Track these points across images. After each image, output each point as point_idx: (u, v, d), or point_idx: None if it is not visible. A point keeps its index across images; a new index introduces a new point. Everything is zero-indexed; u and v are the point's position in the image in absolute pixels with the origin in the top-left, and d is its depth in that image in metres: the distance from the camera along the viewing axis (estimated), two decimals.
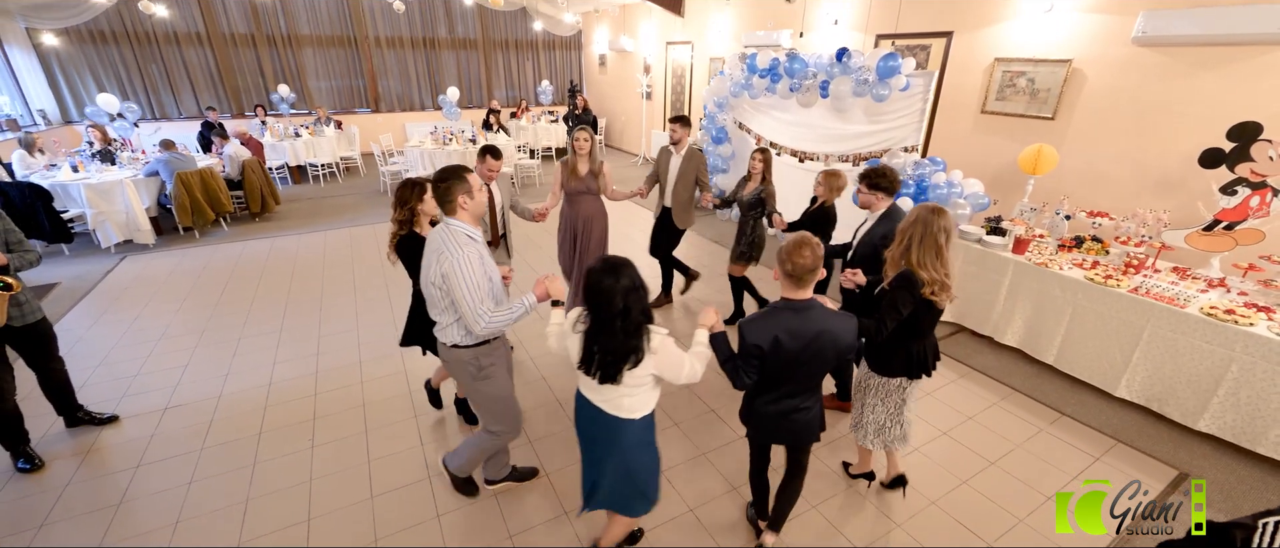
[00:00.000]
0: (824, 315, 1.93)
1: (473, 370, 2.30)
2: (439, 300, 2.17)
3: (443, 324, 2.24)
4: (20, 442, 2.85)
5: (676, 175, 4.21)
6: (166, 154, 6.17)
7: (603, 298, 1.74)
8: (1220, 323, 2.98)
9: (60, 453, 2.97)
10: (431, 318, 2.28)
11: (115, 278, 5.33)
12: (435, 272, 2.09)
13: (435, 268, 2.08)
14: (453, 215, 2.14)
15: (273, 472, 2.85)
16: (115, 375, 3.68)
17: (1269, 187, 3.29)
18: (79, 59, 9.01)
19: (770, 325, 1.90)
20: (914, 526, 2.59)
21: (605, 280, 1.74)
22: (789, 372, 1.96)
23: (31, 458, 2.86)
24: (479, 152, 3.36)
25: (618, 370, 1.79)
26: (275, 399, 3.44)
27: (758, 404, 2.10)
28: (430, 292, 2.17)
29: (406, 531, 2.51)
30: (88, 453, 2.97)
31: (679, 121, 4.12)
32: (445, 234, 2.11)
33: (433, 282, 2.12)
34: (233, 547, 2.41)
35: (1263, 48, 3.65)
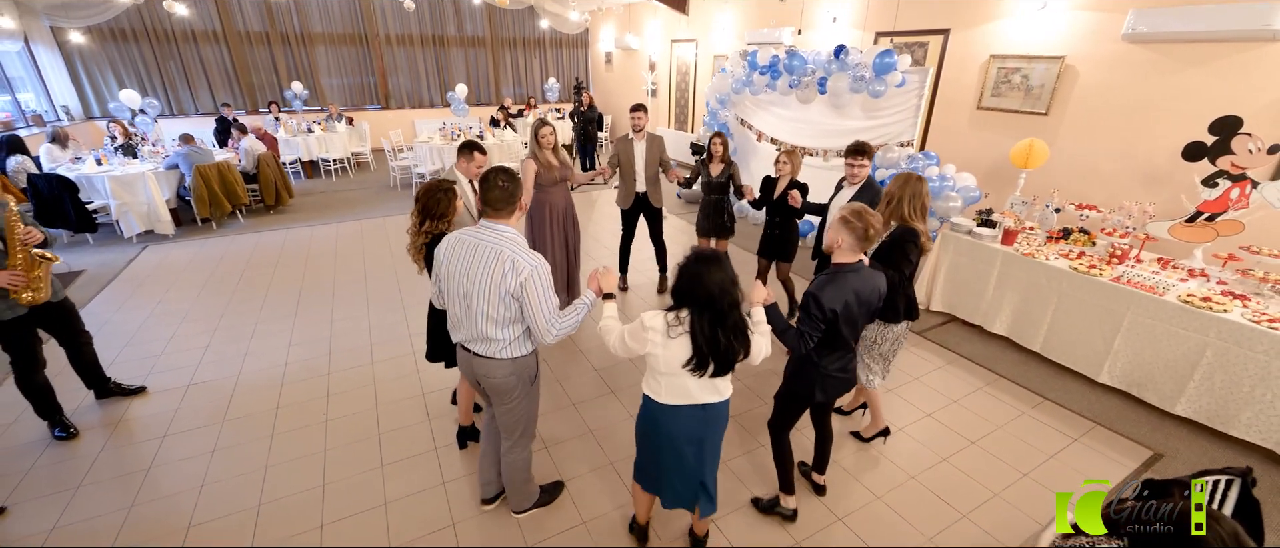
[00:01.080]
0: (872, 273, 2.18)
1: (529, 379, 2.16)
2: (504, 315, 1.96)
3: (504, 340, 2.02)
4: (55, 412, 3.07)
5: (644, 160, 4.40)
6: (186, 148, 6.41)
7: (714, 290, 1.70)
8: (1196, 310, 3.08)
9: (92, 424, 3.17)
10: (489, 335, 2.01)
11: (138, 266, 5.56)
12: (512, 282, 1.89)
13: (512, 278, 1.89)
14: (509, 220, 2.00)
15: (290, 443, 3.03)
16: (141, 355, 3.89)
17: (1248, 179, 3.38)
18: (101, 56, 9.29)
19: (842, 290, 2.08)
20: (893, 498, 2.72)
21: (713, 274, 1.69)
22: (850, 329, 2.16)
23: (67, 427, 3.07)
24: (461, 148, 3.24)
25: (734, 361, 1.78)
26: (291, 378, 3.63)
27: (825, 368, 2.24)
28: (495, 307, 1.95)
29: (415, 495, 2.68)
30: (118, 424, 3.18)
31: (640, 110, 4.36)
32: (503, 241, 1.94)
33: (507, 293, 1.91)
34: (254, 506, 2.60)
35: (1246, 44, 3.74)
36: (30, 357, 2.91)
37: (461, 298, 2.00)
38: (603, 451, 3.00)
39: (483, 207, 2.00)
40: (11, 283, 2.65)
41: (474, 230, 2.01)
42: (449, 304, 2.08)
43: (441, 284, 2.10)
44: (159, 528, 2.48)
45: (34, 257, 2.75)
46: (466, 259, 1.96)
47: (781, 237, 3.98)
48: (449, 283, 2.02)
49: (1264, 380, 2.87)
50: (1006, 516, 2.61)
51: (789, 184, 3.77)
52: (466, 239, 1.99)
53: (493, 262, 1.91)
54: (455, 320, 2.09)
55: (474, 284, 1.94)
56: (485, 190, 1.96)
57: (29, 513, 2.55)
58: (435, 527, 2.51)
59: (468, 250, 1.96)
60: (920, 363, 3.88)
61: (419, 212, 2.52)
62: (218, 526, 2.50)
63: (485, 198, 1.97)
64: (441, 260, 2.06)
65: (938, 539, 2.49)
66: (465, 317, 2.02)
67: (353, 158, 10.10)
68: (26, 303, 2.75)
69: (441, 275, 2.07)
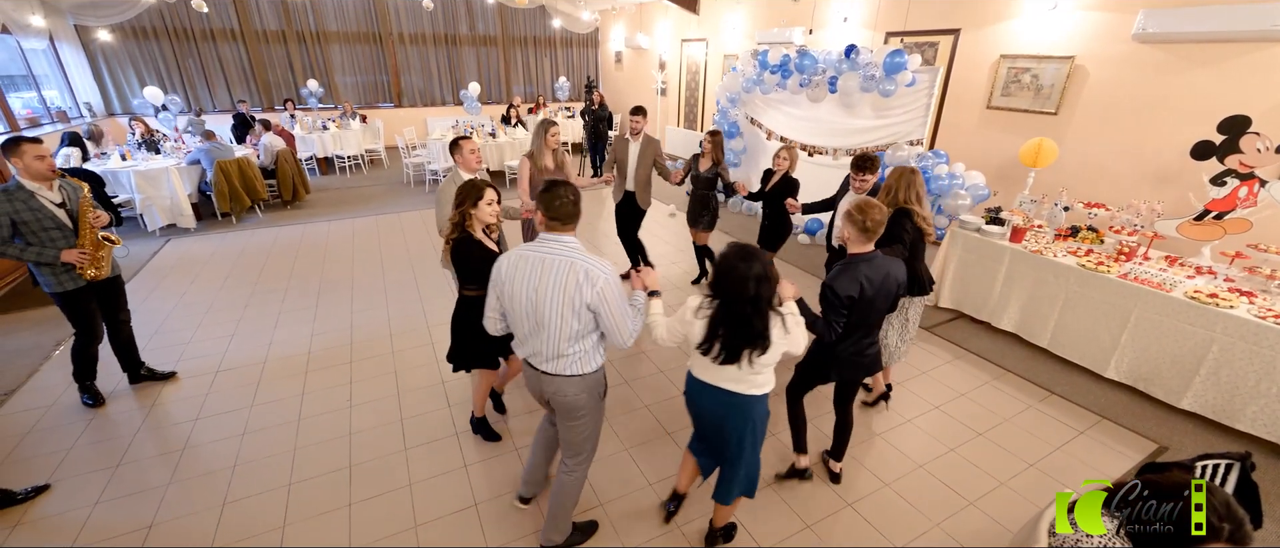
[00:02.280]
0: (885, 261, 2.32)
1: (599, 394, 2.11)
2: (577, 328, 1.91)
3: (576, 354, 1.97)
4: (89, 380, 3.31)
5: (636, 161, 4.47)
6: (208, 144, 6.56)
7: (737, 284, 1.77)
8: (1203, 306, 3.13)
9: (129, 407, 3.31)
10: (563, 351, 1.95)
11: (162, 258, 5.71)
12: (588, 293, 1.85)
13: (588, 290, 1.85)
14: (570, 231, 1.95)
15: (316, 427, 3.15)
16: (170, 342, 4.02)
17: (1256, 177, 3.42)
18: (122, 54, 9.50)
19: (854, 277, 2.25)
20: (902, 485, 2.79)
21: (739, 267, 1.77)
22: (865, 315, 2.33)
23: (96, 395, 3.30)
24: (452, 144, 3.23)
25: (739, 354, 1.84)
26: (315, 365, 3.75)
27: (840, 351, 2.43)
28: (568, 321, 1.90)
29: (438, 477, 2.78)
30: (152, 407, 3.30)
31: (638, 113, 4.43)
32: (572, 253, 1.90)
33: (583, 305, 1.87)
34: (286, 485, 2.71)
35: (1255, 44, 3.77)
36: (90, 328, 3.17)
37: (530, 315, 1.93)
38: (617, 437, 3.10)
39: (546, 220, 1.92)
40: (79, 260, 2.94)
41: (537, 245, 1.93)
42: (515, 323, 2.01)
43: (504, 301, 2.01)
44: (197, 503, 2.60)
45: (101, 238, 3.04)
46: (534, 275, 1.89)
47: (772, 227, 4.30)
48: (515, 300, 1.94)
49: (1269, 375, 2.92)
50: (1013, 504, 2.68)
51: (783, 179, 4.07)
52: (530, 254, 1.92)
53: (565, 274, 1.86)
54: (522, 338, 2.03)
55: (545, 299, 1.88)
56: (551, 203, 1.89)
57: (76, 487, 2.68)
58: (459, 506, 2.61)
59: (533, 266, 1.90)
60: (929, 357, 3.95)
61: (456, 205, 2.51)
62: (253, 502, 2.61)
63: (551, 211, 1.90)
64: (503, 278, 1.97)
65: (945, 526, 2.56)
66: (534, 333, 1.96)
67: (367, 155, 10.26)
68: (89, 278, 3.03)
69: (504, 293, 1.98)
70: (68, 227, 2.93)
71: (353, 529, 2.47)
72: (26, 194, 2.80)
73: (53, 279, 2.96)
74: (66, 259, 2.90)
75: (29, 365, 3.70)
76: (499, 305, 2.05)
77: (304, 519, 2.52)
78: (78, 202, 2.98)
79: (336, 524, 2.50)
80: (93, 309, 3.16)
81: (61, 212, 2.91)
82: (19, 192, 2.79)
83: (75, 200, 2.98)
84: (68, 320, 3.13)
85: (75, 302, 3.06)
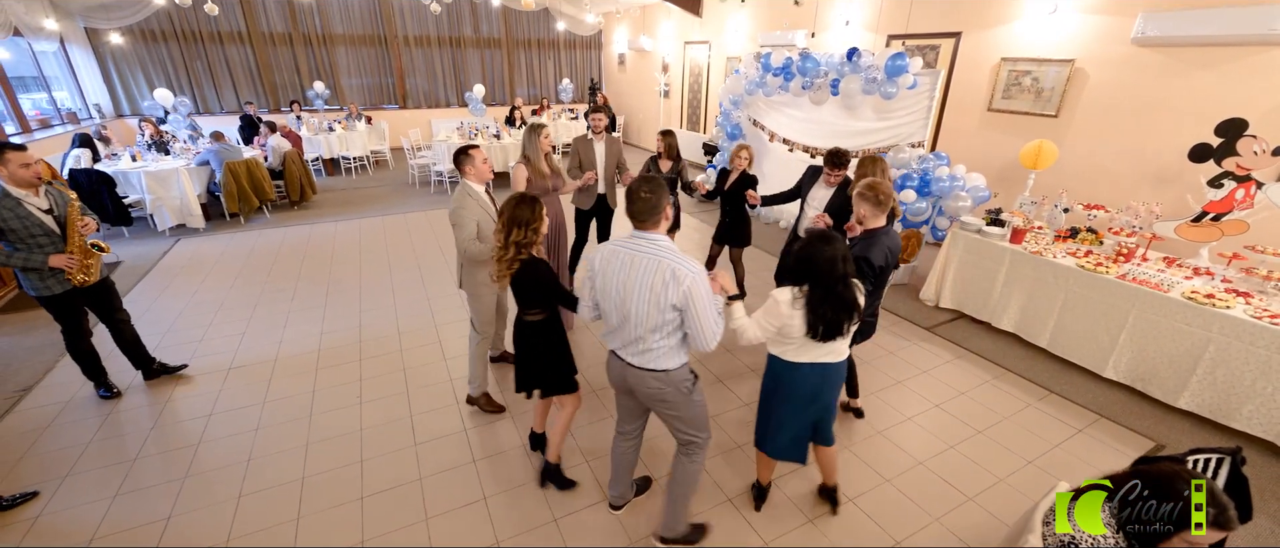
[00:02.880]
0: (894, 235, 2.68)
1: (687, 387, 2.12)
2: (660, 325, 1.95)
3: (661, 348, 2.01)
4: (100, 375, 3.40)
5: (604, 161, 4.32)
6: (217, 145, 6.65)
7: (828, 266, 1.97)
8: (1200, 306, 3.17)
9: (143, 403, 3.38)
10: (650, 345, 1.99)
11: (172, 258, 5.79)
12: (675, 292, 1.88)
13: (674, 289, 1.87)
14: (659, 230, 1.96)
15: (327, 422, 3.21)
16: (182, 341, 4.09)
17: (1253, 180, 3.47)
18: (131, 56, 9.61)
19: (881, 248, 2.57)
20: (902, 482, 2.84)
21: (826, 251, 1.96)
22: (881, 281, 2.66)
23: (111, 387, 3.40)
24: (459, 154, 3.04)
25: (841, 328, 2.03)
26: (325, 363, 3.82)
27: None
28: (653, 316, 1.93)
29: (448, 472, 2.85)
30: (165, 405, 3.37)
31: (598, 111, 4.30)
32: (661, 251, 1.92)
33: (669, 304, 1.90)
34: (298, 479, 2.78)
35: (1253, 48, 3.82)
36: (77, 327, 3.24)
37: (618, 307, 2.00)
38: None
39: (631, 219, 1.96)
40: (67, 265, 2.97)
41: (627, 242, 1.98)
42: (606, 314, 2.09)
43: (598, 295, 2.08)
44: (213, 496, 2.67)
45: (89, 246, 3.06)
46: (623, 271, 1.96)
47: (733, 223, 4.39)
48: (606, 293, 2.03)
49: (1265, 374, 2.96)
50: (1012, 500, 2.73)
51: (740, 177, 4.20)
52: (622, 251, 1.98)
53: (652, 273, 1.90)
54: (611, 329, 2.11)
55: (631, 295, 1.94)
56: (631, 203, 1.93)
57: (93, 482, 2.74)
58: (468, 500, 2.67)
59: (624, 262, 1.96)
60: (929, 357, 4.00)
61: (506, 225, 2.31)
62: (267, 495, 2.67)
63: (631, 210, 1.94)
64: (596, 271, 2.06)
65: (945, 520, 2.61)
66: (622, 325, 2.03)
67: (372, 156, 10.35)
68: (78, 284, 3.07)
69: (597, 285, 2.07)
70: (56, 233, 2.95)
71: (365, 522, 2.53)
72: (13, 201, 2.80)
73: (38, 283, 2.98)
74: (56, 264, 2.92)
75: (45, 363, 3.77)
76: (593, 295, 2.12)
77: (317, 512, 2.59)
78: (65, 208, 2.99)
79: (349, 517, 2.56)
80: (79, 310, 3.20)
81: (49, 218, 2.93)
82: (5, 199, 2.78)
83: (62, 207, 2.99)
84: (55, 320, 3.16)
85: (60, 305, 3.10)
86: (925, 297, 4.72)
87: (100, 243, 3.15)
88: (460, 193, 2.99)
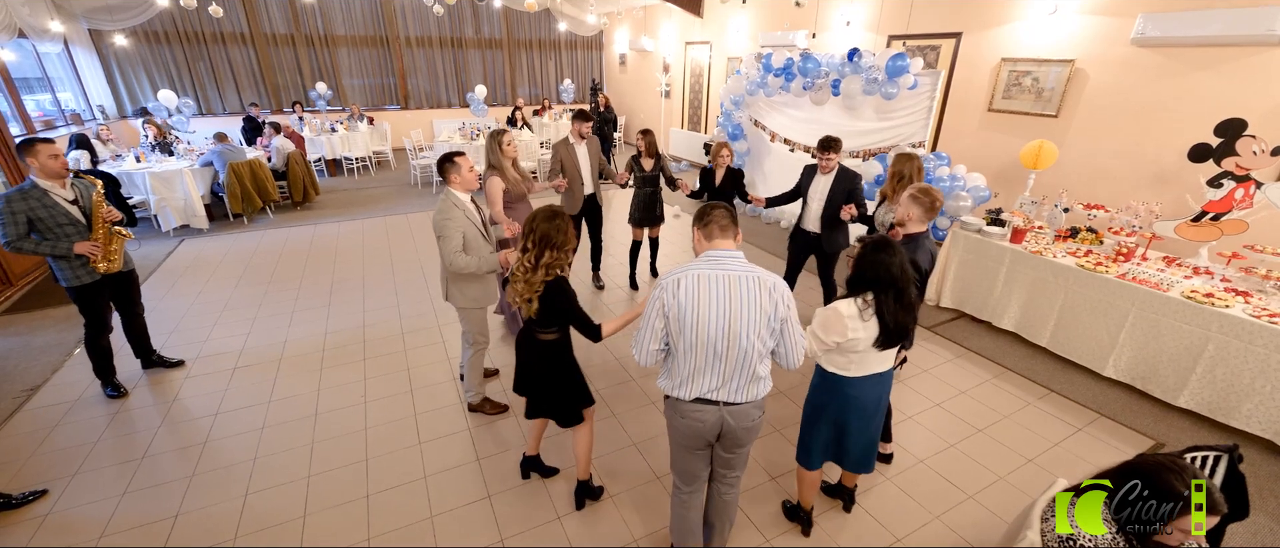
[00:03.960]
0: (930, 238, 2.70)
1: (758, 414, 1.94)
2: (767, 347, 1.80)
3: (764, 376, 1.85)
4: (110, 374, 3.45)
5: (588, 164, 4.41)
6: (220, 146, 6.68)
7: (898, 271, 1.90)
8: (1199, 305, 3.19)
9: (150, 402, 3.41)
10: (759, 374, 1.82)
11: (177, 258, 5.83)
12: (781, 308, 1.75)
13: (781, 304, 1.75)
14: (736, 242, 1.84)
15: (333, 421, 3.24)
16: (188, 340, 4.12)
17: (1252, 180, 3.48)
18: (135, 57, 9.64)
19: (928, 252, 2.61)
20: (903, 480, 2.87)
21: (891, 259, 1.90)
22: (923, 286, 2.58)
23: (118, 387, 3.45)
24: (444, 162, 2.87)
25: (907, 332, 1.96)
26: (329, 362, 3.85)
27: None
28: (764, 340, 1.77)
29: (452, 470, 2.87)
30: (173, 402, 3.41)
31: (580, 118, 4.35)
32: (747, 265, 1.78)
33: (778, 320, 1.77)
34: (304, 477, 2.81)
35: (1252, 49, 3.84)
36: (101, 320, 3.31)
37: (718, 341, 1.74)
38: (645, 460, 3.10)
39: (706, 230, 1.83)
40: (92, 252, 3.07)
41: (708, 264, 1.77)
42: (687, 354, 1.79)
43: (684, 333, 1.76)
44: (221, 494, 2.69)
45: (113, 232, 3.17)
46: (724, 297, 1.73)
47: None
48: (700, 329, 1.74)
49: (1264, 373, 2.98)
50: (1012, 498, 2.75)
51: (728, 173, 4.33)
52: (708, 273, 1.75)
53: (755, 290, 1.73)
54: (692, 372, 1.82)
55: (740, 320, 1.73)
56: (710, 217, 1.82)
57: (101, 480, 2.77)
58: (473, 498, 2.70)
59: (719, 286, 1.73)
60: (930, 356, 4.02)
61: (537, 243, 2.12)
62: (274, 493, 2.70)
63: (715, 223, 1.81)
64: (683, 307, 1.74)
65: (945, 518, 2.63)
66: (716, 362, 1.78)
67: (374, 156, 10.39)
68: (102, 271, 3.16)
69: (685, 323, 1.75)
70: (82, 222, 3.08)
71: (371, 519, 2.56)
72: (41, 192, 2.96)
73: (69, 273, 3.12)
74: (79, 251, 3.04)
75: (53, 362, 3.81)
76: (664, 336, 1.83)
77: (324, 509, 2.61)
78: (90, 198, 3.13)
79: (355, 514, 2.59)
80: (104, 303, 3.31)
81: (75, 208, 3.07)
82: (34, 190, 2.95)
83: (87, 197, 3.13)
84: (80, 312, 3.26)
85: (88, 295, 3.20)
86: (926, 296, 4.74)
87: (122, 229, 3.26)
88: (445, 202, 2.83)
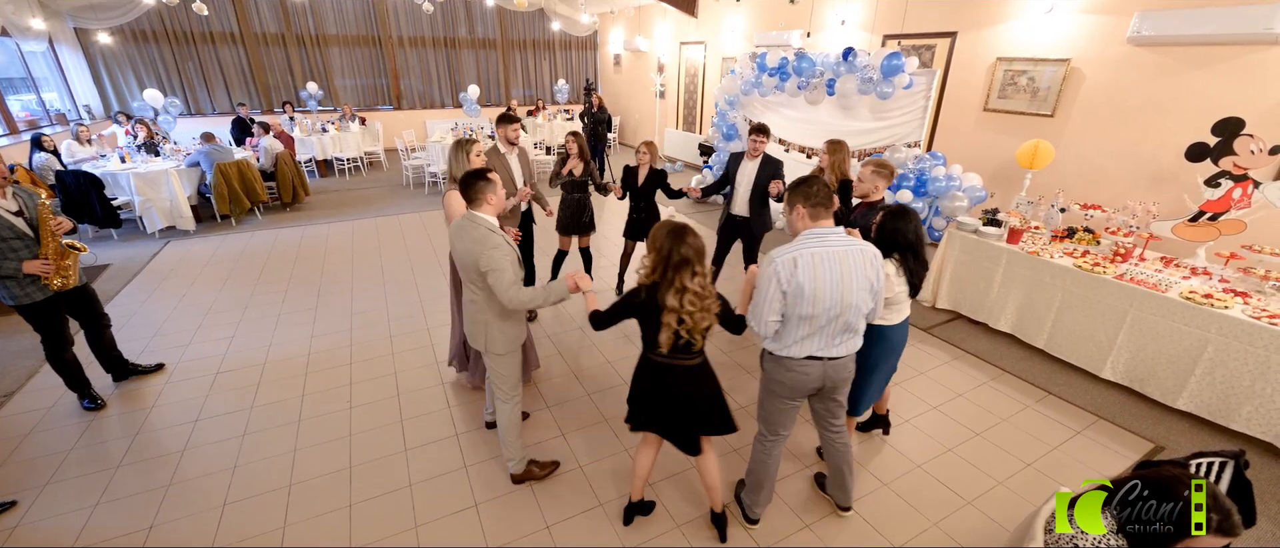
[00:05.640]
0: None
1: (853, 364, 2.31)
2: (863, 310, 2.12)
3: (857, 330, 2.17)
4: (84, 386, 3.29)
5: (520, 174, 4.06)
6: (207, 146, 6.57)
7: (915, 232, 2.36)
8: (1198, 306, 3.15)
9: (129, 409, 3.31)
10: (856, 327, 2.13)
11: (161, 260, 5.72)
12: (879, 277, 2.08)
13: (878, 275, 2.09)
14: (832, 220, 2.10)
15: (316, 428, 3.15)
16: (169, 345, 4.02)
17: (1250, 179, 3.45)
18: (122, 57, 9.52)
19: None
20: (900, 485, 2.81)
21: (908, 224, 2.36)
22: None
23: (95, 398, 3.30)
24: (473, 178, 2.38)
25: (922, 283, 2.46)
26: (315, 367, 3.76)
27: None
28: (865, 302, 2.07)
29: (438, 478, 2.79)
30: (152, 409, 3.31)
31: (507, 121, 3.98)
32: (847, 238, 2.06)
33: (877, 283, 2.09)
34: (286, 485, 2.72)
35: (1249, 47, 3.81)
36: (58, 336, 3.12)
37: (836, 307, 2.02)
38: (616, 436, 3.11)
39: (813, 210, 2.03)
40: (43, 271, 2.87)
41: (814, 241, 2.01)
42: (805, 321, 2.04)
43: (801, 305, 2.01)
44: (198, 504, 2.60)
45: (64, 247, 2.97)
46: (836, 269, 2.00)
47: (645, 219, 4.51)
48: (819, 299, 1.99)
49: (1264, 375, 2.94)
50: (1011, 503, 2.69)
51: (651, 172, 4.36)
52: (820, 251, 1.99)
53: (860, 261, 2.03)
54: (811, 333, 2.08)
55: (851, 287, 2.01)
56: (814, 193, 2.03)
57: (73, 490, 2.68)
58: (459, 507, 2.62)
59: (831, 260, 1.99)
60: (926, 358, 3.96)
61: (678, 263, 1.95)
62: (252, 503, 2.61)
63: (817, 200, 2.03)
64: (802, 282, 1.97)
65: (943, 525, 2.58)
66: (832, 325, 2.07)
67: (366, 157, 10.28)
68: (56, 289, 2.96)
69: (804, 296, 1.99)
70: (29, 236, 2.83)
71: (353, 530, 2.48)
72: None
73: (17, 290, 2.86)
74: (29, 270, 2.80)
75: (28, 368, 3.70)
76: (781, 309, 2.05)
77: (305, 520, 2.53)
78: (35, 209, 2.87)
79: (337, 525, 2.50)
80: (60, 319, 3.09)
81: (19, 220, 2.80)
82: None
83: (32, 208, 2.87)
84: (35, 330, 3.04)
85: (40, 313, 2.97)
86: (922, 297, 4.69)
87: (76, 243, 3.07)
88: (478, 229, 2.30)
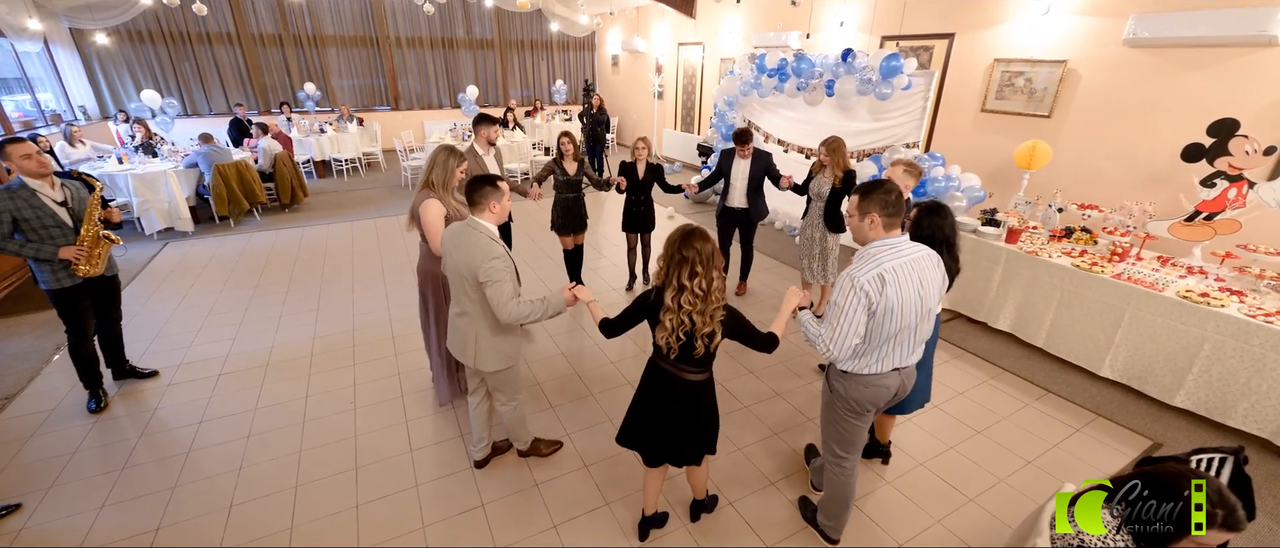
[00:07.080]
0: None
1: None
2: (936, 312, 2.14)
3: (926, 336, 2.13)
4: (96, 383, 3.32)
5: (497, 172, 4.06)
6: (205, 147, 6.55)
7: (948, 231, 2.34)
8: (1194, 305, 3.19)
9: (132, 410, 3.31)
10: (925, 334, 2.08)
11: (160, 262, 5.70)
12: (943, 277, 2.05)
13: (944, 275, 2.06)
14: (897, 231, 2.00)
15: (321, 429, 3.16)
16: (171, 346, 4.02)
17: (1245, 179, 3.50)
18: (118, 57, 9.47)
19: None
20: (902, 483, 2.83)
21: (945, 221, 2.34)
22: None
23: (100, 399, 3.32)
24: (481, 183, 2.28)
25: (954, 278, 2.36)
26: (318, 368, 3.76)
27: None
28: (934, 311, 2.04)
29: (444, 478, 2.80)
30: (156, 410, 3.30)
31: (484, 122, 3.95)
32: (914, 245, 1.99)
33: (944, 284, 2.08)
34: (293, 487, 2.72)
35: (1244, 49, 3.86)
36: (82, 327, 3.20)
37: (917, 316, 1.96)
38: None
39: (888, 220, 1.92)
40: (75, 256, 2.98)
41: (889, 252, 1.91)
42: (889, 337, 1.96)
43: (883, 322, 1.91)
44: (204, 506, 2.61)
45: (101, 236, 3.09)
46: (915, 278, 1.91)
47: (644, 212, 4.65)
48: (905, 312, 1.91)
49: (1259, 372, 2.98)
50: (1012, 500, 2.72)
51: (650, 167, 4.49)
52: (896, 262, 1.89)
53: (931, 265, 1.98)
54: (896, 346, 2.01)
55: (931, 294, 1.97)
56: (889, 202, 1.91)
57: (78, 493, 2.67)
58: (465, 507, 2.63)
59: (908, 270, 1.91)
60: None
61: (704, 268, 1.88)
62: (258, 505, 2.62)
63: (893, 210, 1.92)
64: (888, 297, 1.87)
65: (946, 522, 2.60)
66: (913, 335, 2.01)
67: (364, 158, 10.26)
68: (82, 274, 3.05)
69: (884, 310, 1.89)
70: (68, 225, 2.99)
71: (361, 530, 2.49)
72: (29, 192, 2.87)
73: (50, 276, 3.02)
74: (63, 256, 2.96)
75: (30, 370, 3.69)
76: (866, 329, 1.94)
77: (312, 520, 2.53)
78: (82, 201, 3.07)
79: (344, 525, 2.51)
80: (85, 308, 3.20)
81: (62, 210, 2.98)
82: (21, 190, 2.86)
83: (77, 199, 3.06)
84: (60, 317, 3.17)
85: (69, 299, 3.11)
86: None
87: (110, 234, 3.17)
88: (479, 236, 2.23)
